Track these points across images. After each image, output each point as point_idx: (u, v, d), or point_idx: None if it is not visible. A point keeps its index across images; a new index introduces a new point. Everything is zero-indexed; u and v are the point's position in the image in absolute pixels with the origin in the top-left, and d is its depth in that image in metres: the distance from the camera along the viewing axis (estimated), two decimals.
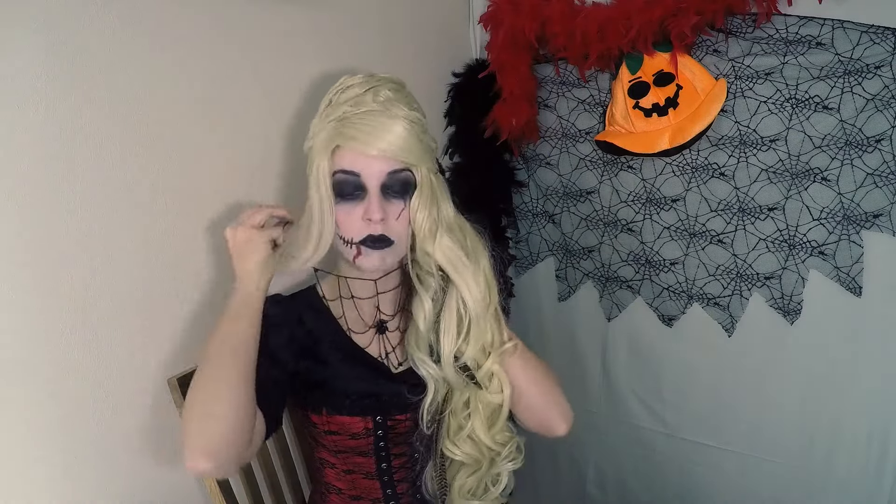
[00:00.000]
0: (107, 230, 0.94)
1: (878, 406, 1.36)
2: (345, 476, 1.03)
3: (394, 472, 1.02)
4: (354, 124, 0.87)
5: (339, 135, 0.88)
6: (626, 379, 1.70)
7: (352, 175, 0.89)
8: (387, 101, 0.89)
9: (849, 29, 1.23)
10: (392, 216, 0.91)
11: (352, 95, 0.90)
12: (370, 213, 0.89)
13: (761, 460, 1.53)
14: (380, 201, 0.90)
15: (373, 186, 0.89)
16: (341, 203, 0.91)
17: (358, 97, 0.89)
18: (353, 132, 0.87)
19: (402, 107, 0.90)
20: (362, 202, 0.90)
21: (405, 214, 0.92)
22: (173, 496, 1.07)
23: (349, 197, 0.90)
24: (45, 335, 0.88)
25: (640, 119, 1.44)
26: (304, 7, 1.24)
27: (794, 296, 1.40)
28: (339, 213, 0.91)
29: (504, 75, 1.55)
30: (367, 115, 0.88)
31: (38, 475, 0.89)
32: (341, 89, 0.92)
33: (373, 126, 0.87)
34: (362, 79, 0.92)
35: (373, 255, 0.92)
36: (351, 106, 0.88)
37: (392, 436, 1.00)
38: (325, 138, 0.90)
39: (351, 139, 0.88)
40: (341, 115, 0.89)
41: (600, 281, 1.70)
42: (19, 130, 0.83)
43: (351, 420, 0.97)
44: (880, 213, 1.28)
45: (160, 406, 1.04)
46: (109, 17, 0.92)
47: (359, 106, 0.88)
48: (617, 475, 1.79)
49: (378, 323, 1.01)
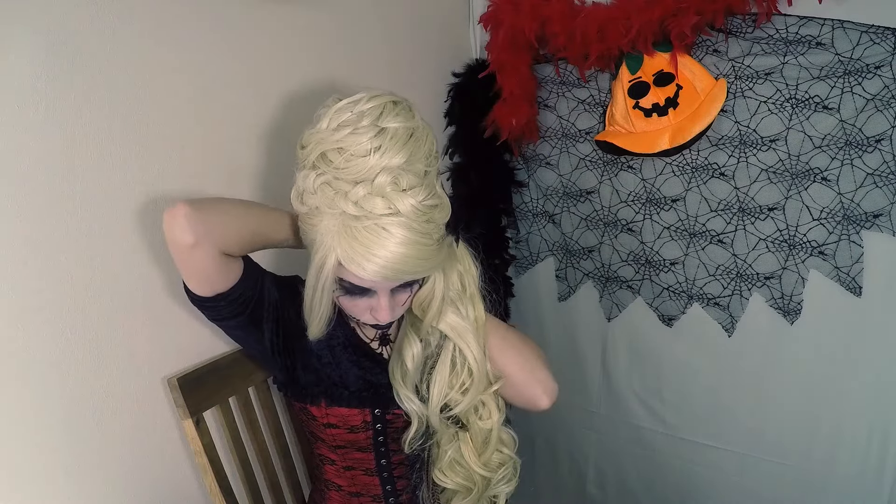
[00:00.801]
0: (107, 230, 0.94)
1: (878, 406, 1.36)
2: (344, 473, 1.03)
3: (393, 469, 1.03)
4: (360, 242, 0.77)
5: (344, 249, 0.79)
6: (626, 379, 1.70)
7: (359, 286, 0.84)
8: (393, 196, 0.77)
9: (849, 29, 1.23)
10: (399, 304, 0.90)
11: (355, 175, 0.77)
12: (379, 316, 0.88)
13: (761, 460, 1.53)
14: (389, 303, 0.87)
15: (382, 295, 0.86)
16: (347, 296, 0.87)
17: (363, 186, 0.77)
18: (356, 256, 0.78)
19: (414, 203, 0.78)
20: (371, 297, 0.87)
21: (410, 299, 0.92)
22: (173, 496, 1.07)
23: (357, 294, 0.86)
24: (45, 335, 0.88)
25: (640, 119, 1.44)
26: (304, 7, 1.24)
27: (794, 296, 1.40)
28: (345, 301, 0.89)
29: (504, 75, 1.55)
30: (371, 232, 0.77)
31: (39, 475, 0.89)
32: (342, 151, 0.79)
33: (380, 255, 0.77)
34: (371, 136, 0.78)
35: (377, 331, 0.97)
36: (353, 205, 0.77)
37: (391, 430, 1.00)
38: (327, 240, 0.80)
39: (355, 263, 0.78)
40: (343, 218, 0.78)
41: (600, 281, 1.70)
42: (19, 130, 0.83)
43: (349, 412, 0.97)
44: (880, 213, 1.28)
45: (160, 406, 1.04)
46: (109, 17, 0.92)
47: (363, 208, 0.77)
48: (617, 475, 1.79)
49: (381, 336, 1.02)
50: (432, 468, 1.02)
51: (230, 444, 1.08)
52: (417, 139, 0.81)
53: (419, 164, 0.80)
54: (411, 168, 0.79)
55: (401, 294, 0.89)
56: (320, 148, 0.80)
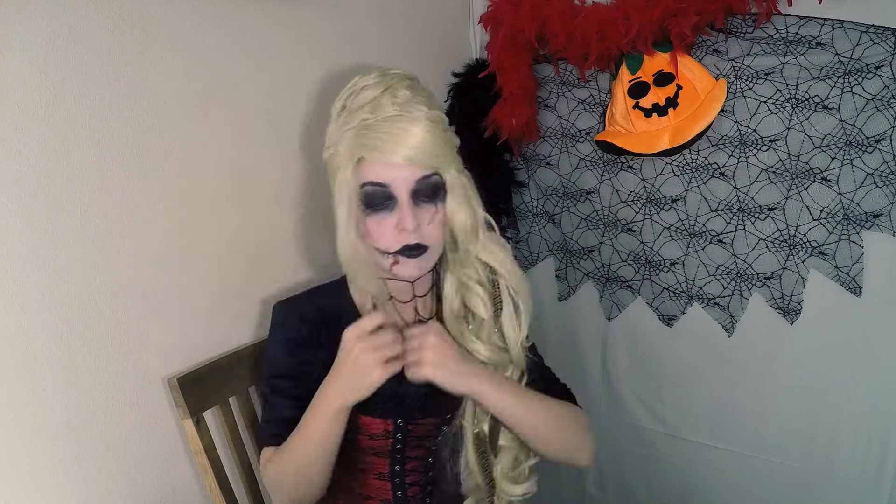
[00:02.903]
0: (107, 230, 0.94)
1: (878, 406, 1.36)
2: (356, 475, 1.01)
3: (406, 475, 1.01)
4: (376, 132, 0.85)
5: (362, 146, 0.86)
6: (626, 379, 1.70)
7: (380, 186, 0.87)
8: (406, 102, 0.86)
9: (849, 29, 1.23)
10: (425, 222, 0.90)
11: (368, 99, 0.87)
12: (404, 223, 0.88)
13: (761, 460, 1.53)
14: (412, 209, 0.88)
15: (403, 196, 0.88)
16: (372, 214, 0.89)
17: (375, 100, 0.86)
18: (376, 142, 0.85)
19: (422, 106, 0.87)
20: (394, 212, 0.88)
21: (438, 218, 0.91)
22: (173, 496, 1.07)
23: (379, 207, 0.88)
24: (45, 335, 0.88)
25: (640, 119, 1.44)
26: (304, 7, 1.24)
27: (794, 296, 1.40)
28: (371, 224, 0.89)
29: (504, 75, 1.55)
30: (388, 121, 0.85)
31: (39, 475, 0.89)
32: (354, 92, 0.89)
33: (396, 133, 0.84)
34: (376, 78, 0.89)
35: (410, 263, 0.91)
36: (369, 112, 0.86)
37: (410, 439, 0.99)
38: (346, 149, 0.88)
39: (374, 150, 0.85)
40: (360, 123, 0.86)
41: (600, 281, 1.70)
42: (19, 130, 0.83)
43: (372, 421, 0.96)
44: (880, 213, 1.28)
45: (160, 406, 1.04)
46: (110, 16, 0.92)
47: (377, 111, 0.86)
48: (617, 475, 1.79)
49: (417, 323, 0.99)
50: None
51: (230, 444, 1.08)
52: (419, 85, 0.92)
53: (425, 95, 0.90)
54: (418, 92, 0.89)
55: (425, 206, 0.90)
56: (340, 102, 0.92)
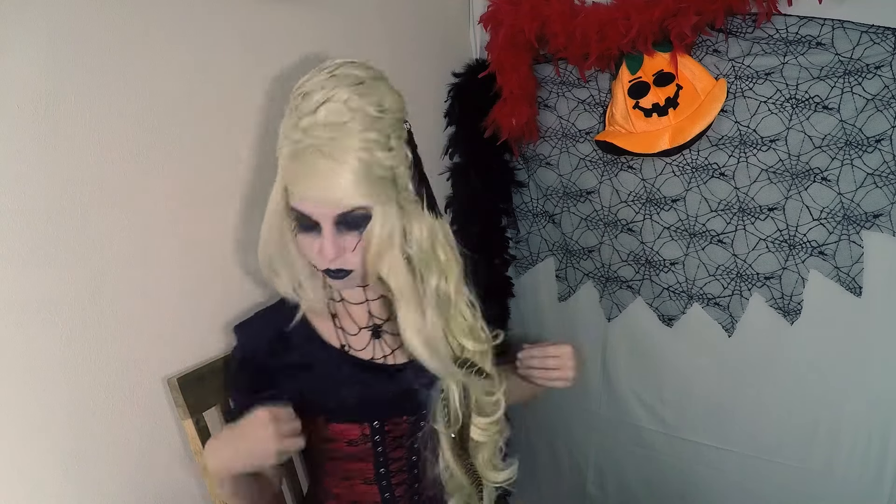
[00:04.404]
0: (107, 231, 0.94)
1: (878, 406, 1.36)
2: (342, 483, 1.02)
3: (391, 476, 1.02)
4: (302, 165, 0.84)
5: (290, 174, 0.86)
6: (626, 379, 1.70)
7: (304, 215, 0.88)
8: (338, 126, 0.82)
9: (849, 29, 1.23)
10: (348, 249, 0.89)
11: (307, 110, 0.84)
12: (323, 253, 0.88)
13: (761, 460, 1.53)
14: (333, 238, 0.87)
15: (326, 225, 0.87)
16: (301, 232, 0.90)
17: (310, 117, 0.83)
18: (301, 178, 0.85)
19: (355, 133, 0.82)
20: (319, 235, 0.88)
21: (361, 245, 0.90)
22: (174, 496, 1.07)
23: (307, 229, 0.89)
24: (45, 335, 0.88)
25: (640, 119, 1.44)
26: (304, 7, 1.24)
27: (794, 296, 1.40)
28: (301, 240, 0.91)
29: (504, 75, 1.55)
30: (314, 155, 0.82)
31: (40, 475, 0.89)
32: (302, 93, 0.86)
33: (318, 172, 0.83)
34: (324, 80, 0.85)
35: (336, 282, 0.95)
36: (302, 133, 0.83)
37: (389, 440, 1.00)
38: (281, 166, 0.89)
39: (298, 184, 0.85)
40: (293, 146, 0.84)
41: (600, 281, 1.70)
42: (19, 130, 0.83)
43: (348, 427, 0.97)
44: (880, 213, 1.28)
45: (160, 406, 1.04)
46: (110, 16, 0.92)
47: (308, 133, 0.83)
48: (617, 475, 1.79)
49: (372, 326, 1.01)
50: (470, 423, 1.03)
51: None
52: (368, 87, 0.86)
53: (369, 107, 0.84)
54: (358, 107, 0.83)
55: (348, 234, 0.88)
56: (293, 95, 0.88)
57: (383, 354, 1.01)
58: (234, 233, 1.15)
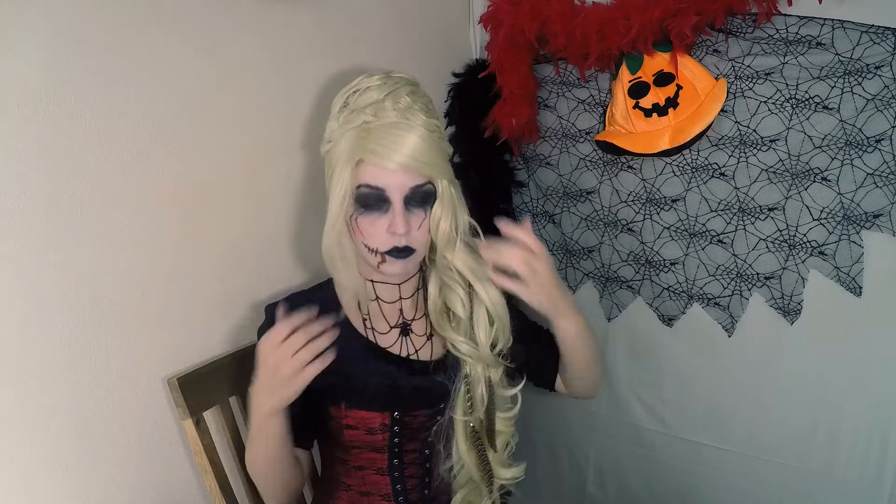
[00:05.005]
0: (107, 231, 0.94)
1: (878, 406, 1.36)
2: (355, 472, 1.03)
3: (405, 468, 1.03)
4: (376, 136, 0.88)
5: (362, 148, 0.89)
6: (627, 379, 1.70)
7: (376, 189, 0.91)
8: (406, 108, 0.90)
9: (849, 29, 1.23)
10: (414, 227, 0.94)
11: (371, 100, 0.90)
12: (395, 227, 0.91)
13: (761, 460, 1.53)
14: (403, 214, 0.92)
15: (397, 200, 0.91)
16: (365, 213, 0.93)
17: (378, 103, 0.90)
18: (376, 146, 0.88)
19: (421, 115, 0.90)
20: (386, 214, 0.92)
21: (426, 224, 0.95)
22: (173, 496, 1.07)
23: (373, 208, 0.92)
24: (45, 335, 0.88)
25: (640, 119, 1.44)
26: (305, 7, 1.24)
27: (794, 296, 1.40)
28: (363, 223, 0.93)
29: (504, 75, 1.55)
30: (389, 126, 0.88)
31: (40, 475, 0.89)
32: (359, 91, 0.92)
33: (395, 139, 0.88)
34: (380, 81, 0.92)
35: (397, 263, 0.95)
36: (371, 115, 0.89)
37: (407, 431, 1.01)
38: (346, 148, 0.91)
39: (374, 153, 0.89)
40: (362, 125, 0.90)
41: (600, 281, 1.70)
42: (19, 130, 0.83)
43: (369, 415, 0.99)
44: (880, 213, 1.28)
45: (160, 406, 1.04)
46: (110, 16, 0.92)
47: (379, 115, 0.89)
48: (617, 475, 1.79)
49: (402, 324, 1.04)
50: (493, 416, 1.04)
51: (230, 444, 1.09)
52: (419, 90, 0.95)
53: (425, 102, 0.94)
54: (418, 100, 0.92)
55: (415, 212, 0.94)
56: (341, 98, 0.94)
57: (408, 353, 1.03)
58: (235, 233, 1.15)
